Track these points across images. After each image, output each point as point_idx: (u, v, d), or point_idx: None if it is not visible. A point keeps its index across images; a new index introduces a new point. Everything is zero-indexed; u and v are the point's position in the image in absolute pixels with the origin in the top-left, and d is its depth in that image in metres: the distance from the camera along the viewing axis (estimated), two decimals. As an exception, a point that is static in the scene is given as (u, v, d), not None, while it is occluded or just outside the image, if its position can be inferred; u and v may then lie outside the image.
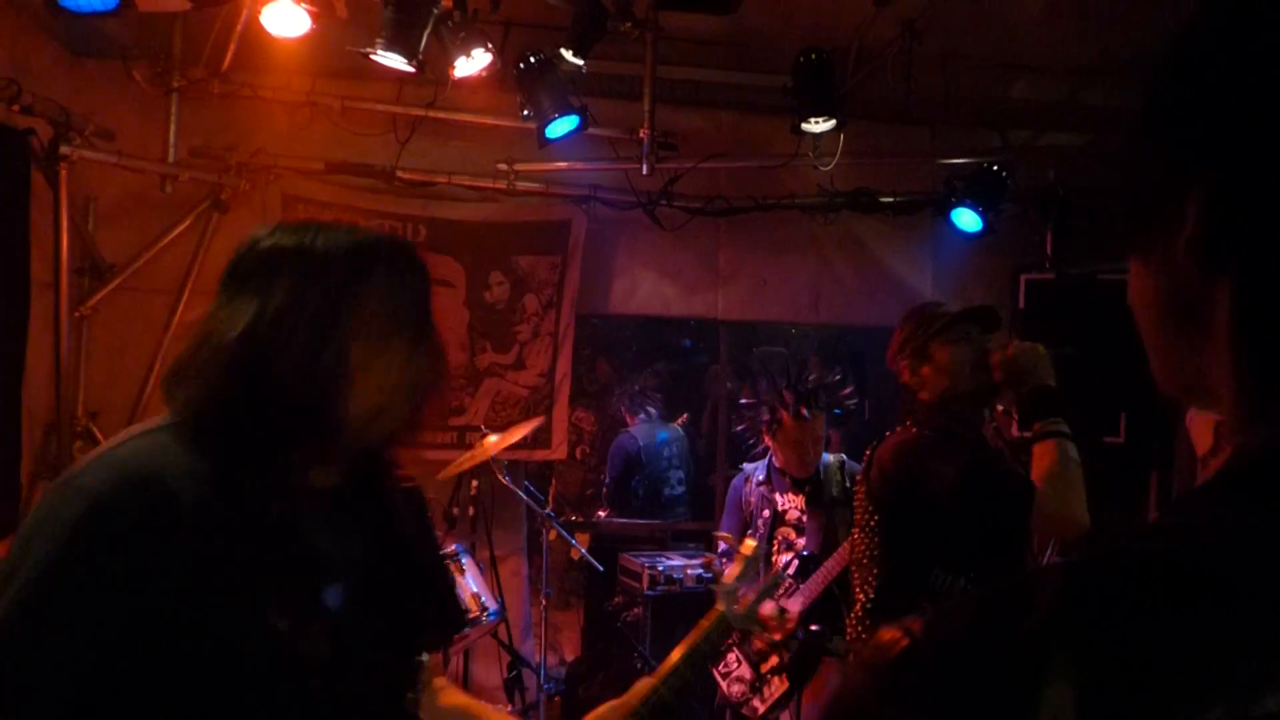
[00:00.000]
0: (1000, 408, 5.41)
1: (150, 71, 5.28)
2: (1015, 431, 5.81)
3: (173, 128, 5.39)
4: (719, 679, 4.93)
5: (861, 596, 3.32)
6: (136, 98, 5.36)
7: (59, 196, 4.89)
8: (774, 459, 5.01)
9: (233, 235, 5.61)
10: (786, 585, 4.74)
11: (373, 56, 4.39)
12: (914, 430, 3.23)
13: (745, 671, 4.85)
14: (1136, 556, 0.68)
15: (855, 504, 3.44)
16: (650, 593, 5.71)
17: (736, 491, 5.14)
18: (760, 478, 5.05)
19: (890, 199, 6.05)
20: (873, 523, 3.28)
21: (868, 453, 3.43)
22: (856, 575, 3.37)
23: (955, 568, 3.07)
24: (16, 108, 4.45)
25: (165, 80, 5.31)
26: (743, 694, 4.83)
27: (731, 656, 4.91)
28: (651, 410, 8.36)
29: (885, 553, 3.22)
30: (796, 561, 4.78)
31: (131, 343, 5.53)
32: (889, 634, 0.84)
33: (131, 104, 5.38)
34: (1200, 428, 4.88)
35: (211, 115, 5.53)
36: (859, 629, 3.30)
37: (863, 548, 3.34)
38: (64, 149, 4.83)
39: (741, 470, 5.23)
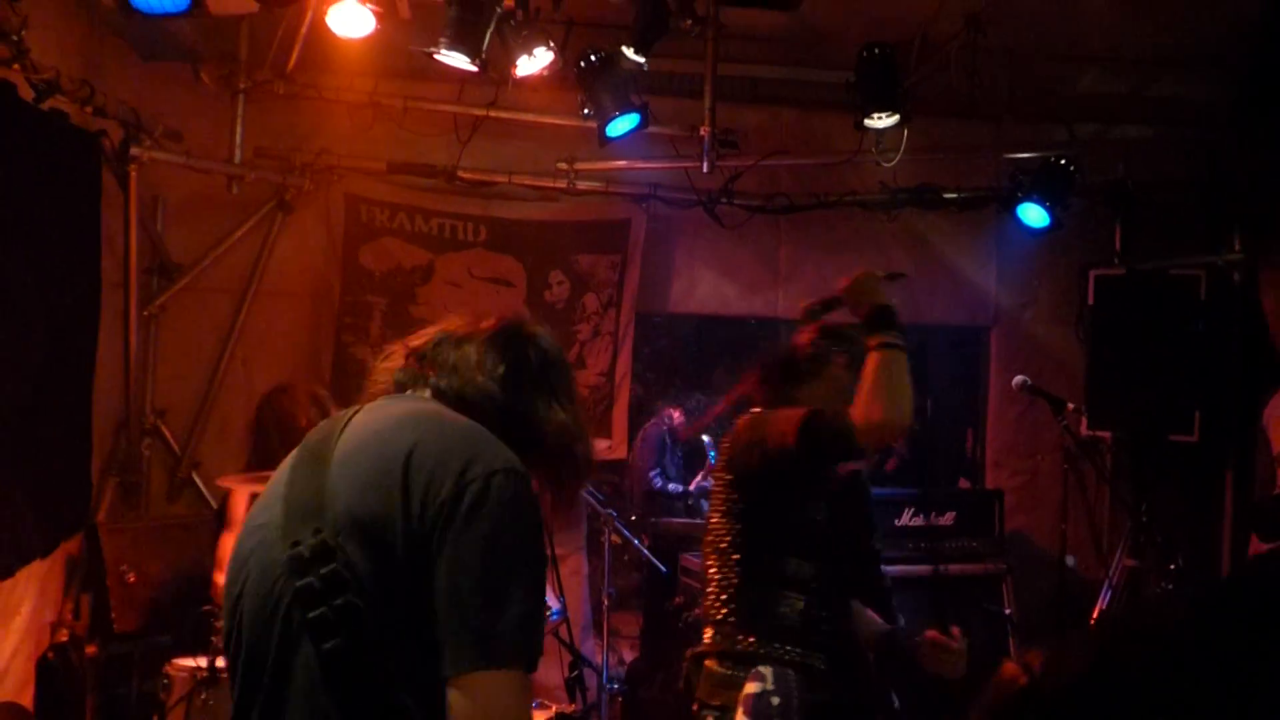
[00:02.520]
0: (1070, 406, 5.35)
1: (217, 73, 5.35)
2: (1084, 429, 5.74)
3: (238, 129, 5.45)
4: None
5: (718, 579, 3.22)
6: (203, 99, 5.44)
7: (129, 197, 4.97)
8: None
9: (296, 235, 5.74)
10: None
11: (436, 56, 4.41)
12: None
13: None
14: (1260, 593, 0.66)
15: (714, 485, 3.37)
16: (713, 592, 5.66)
17: None
18: None
19: (954, 195, 5.98)
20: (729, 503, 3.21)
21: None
22: (713, 560, 3.28)
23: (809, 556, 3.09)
24: (89, 109, 4.52)
25: (231, 82, 5.37)
26: None
27: None
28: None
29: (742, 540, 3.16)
30: None
31: (197, 342, 5.61)
32: (1009, 669, 0.81)
33: (198, 105, 5.46)
34: (1278, 427, 4.76)
35: (276, 116, 5.59)
36: (720, 611, 3.19)
37: (721, 531, 3.27)
38: (134, 150, 4.91)
39: None
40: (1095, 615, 5.44)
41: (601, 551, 5.70)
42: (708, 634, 3.16)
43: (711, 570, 3.22)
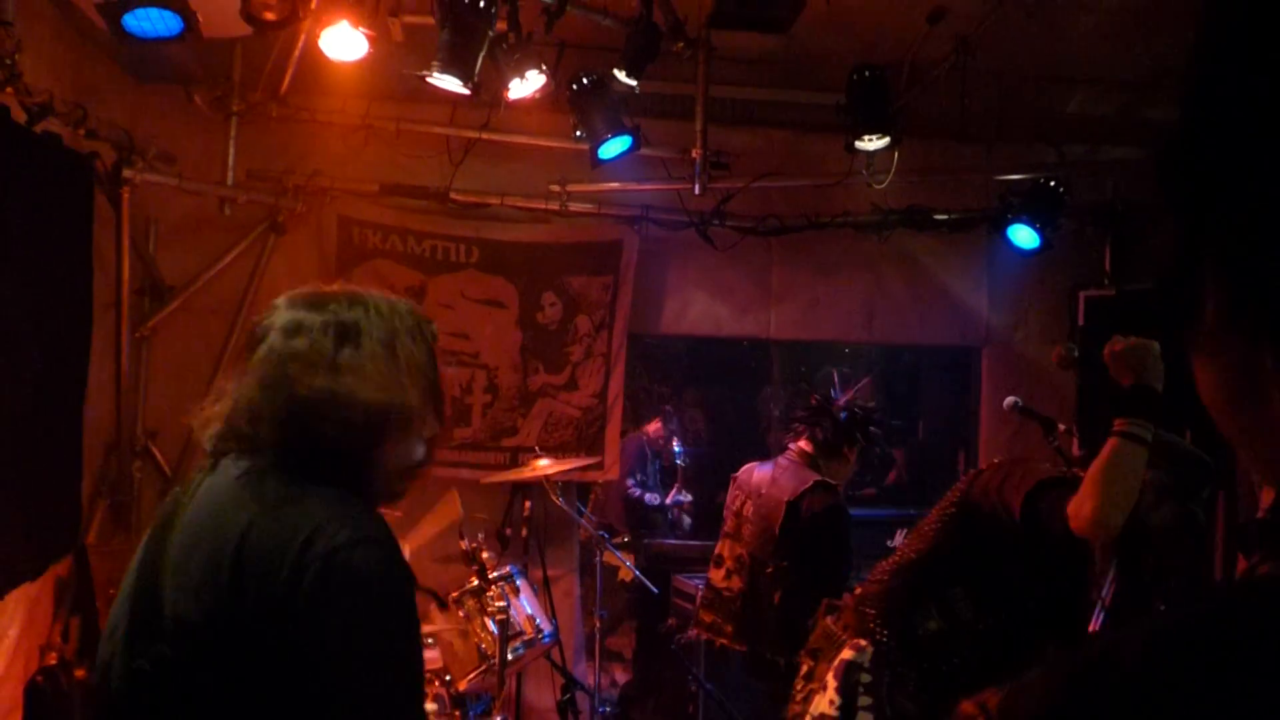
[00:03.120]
0: (1062, 427, 5.35)
1: (210, 96, 5.37)
2: (1076, 450, 5.74)
3: (231, 151, 5.47)
4: None
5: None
6: (197, 121, 5.46)
7: (121, 218, 4.98)
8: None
9: (288, 257, 5.75)
10: None
11: (429, 79, 4.42)
12: None
13: None
14: (1213, 623, 0.66)
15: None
16: (705, 615, 5.65)
17: None
18: None
19: (945, 216, 6.01)
20: None
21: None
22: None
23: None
24: (82, 131, 4.53)
25: (225, 104, 5.39)
26: None
27: None
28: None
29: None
30: None
31: (190, 363, 5.60)
32: (967, 709, 0.81)
33: (192, 127, 5.47)
34: None
35: (269, 138, 5.61)
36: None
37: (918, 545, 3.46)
38: (127, 172, 4.92)
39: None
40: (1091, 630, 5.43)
41: (593, 572, 5.69)
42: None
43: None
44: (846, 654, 3.20)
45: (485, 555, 4.61)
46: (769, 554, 4.64)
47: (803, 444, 4.79)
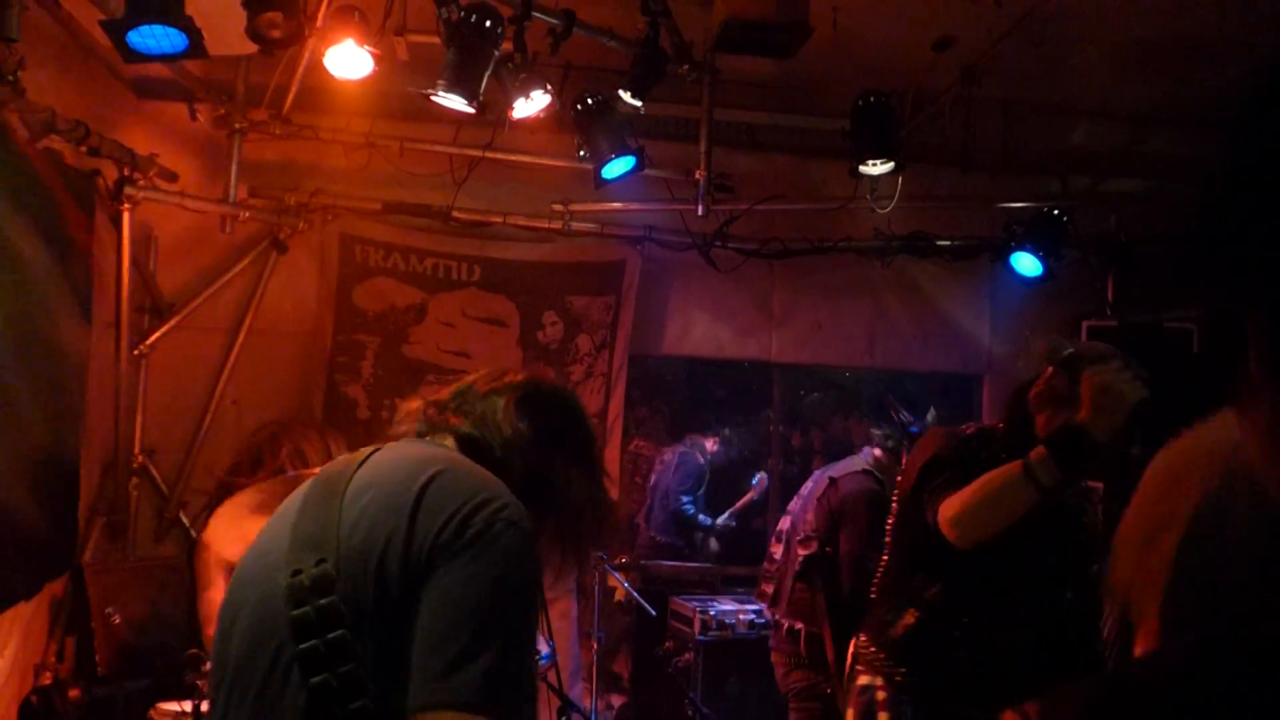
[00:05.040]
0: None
1: (213, 113, 5.35)
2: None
3: (234, 169, 5.45)
4: None
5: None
6: (199, 139, 5.45)
7: (122, 236, 4.96)
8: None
9: (290, 274, 5.73)
10: None
11: (434, 98, 4.41)
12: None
13: None
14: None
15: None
16: (702, 638, 5.64)
17: None
18: None
19: (948, 243, 6.00)
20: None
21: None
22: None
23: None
24: (84, 148, 4.51)
25: (228, 122, 5.37)
26: None
27: None
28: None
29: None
30: None
31: (188, 381, 5.58)
32: (1009, 718, 0.81)
33: (194, 145, 5.46)
34: None
35: (272, 156, 5.59)
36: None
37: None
38: (128, 189, 4.91)
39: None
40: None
41: (589, 593, 5.66)
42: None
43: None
44: (860, 681, 3.21)
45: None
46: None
47: (876, 451, 5.25)
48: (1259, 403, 0.76)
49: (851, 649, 3.32)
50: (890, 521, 3.37)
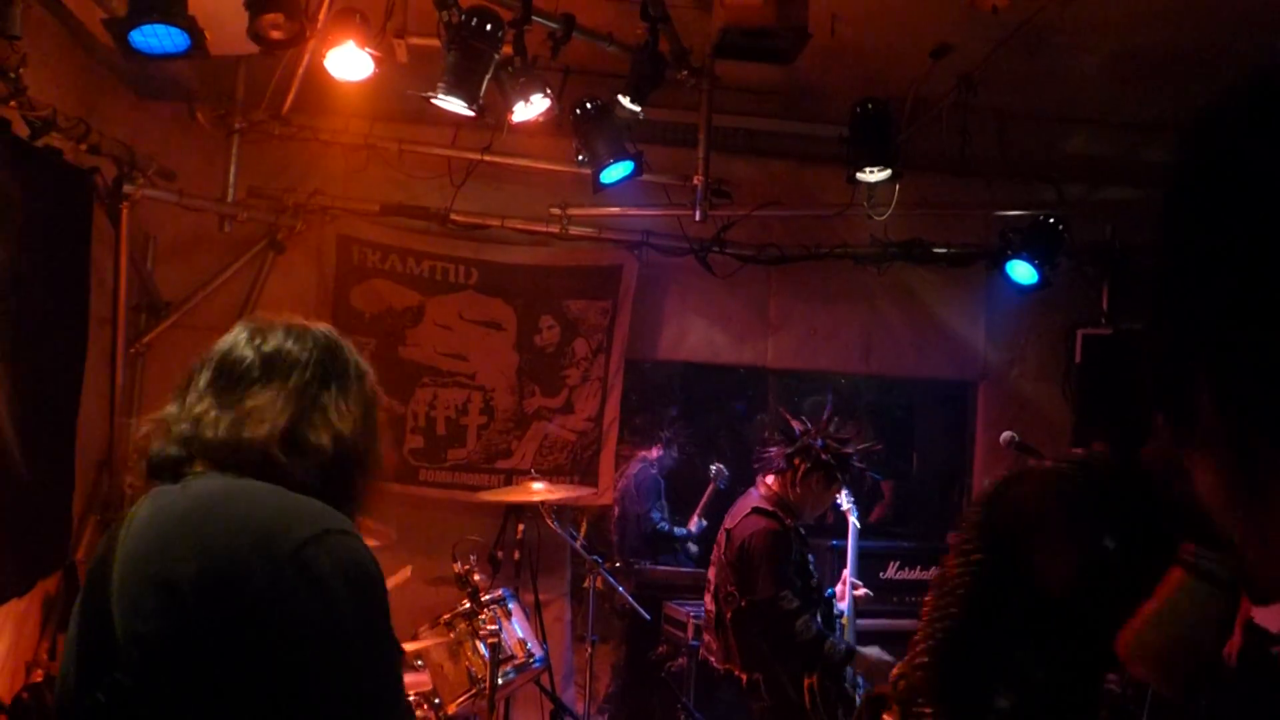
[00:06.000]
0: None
1: (213, 113, 5.37)
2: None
3: (232, 168, 5.46)
4: None
5: None
6: (198, 138, 5.46)
7: (120, 234, 4.96)
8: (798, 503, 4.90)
9: (287, 275, 5.74)
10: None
11: (434, 100, 4.43)
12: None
13: None
14: None
15: None
16: (695, 643, 5.64)
17: None
18: None
19: (944, 250, 6.02)
20: None
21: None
22: None
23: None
24: (84, 147, 4.52)
25: (227, 122, 5.38)
26: None
27: None
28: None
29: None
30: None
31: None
32: None
33: (193, 145, 5.47)
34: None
35: (271, 157, 5.61)
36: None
37: None
38: (127, 188, 4.90)
39: None
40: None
41: (584, 597, 5.67)
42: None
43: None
44: None
45: (477, 578, 4.59)
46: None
47: (768, 479, 4.91)
48: (1213, 449, 0.77)
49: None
50: (962, 568, 2.75)
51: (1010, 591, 2.62)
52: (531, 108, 4.75)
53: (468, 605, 4.50)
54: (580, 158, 5.21)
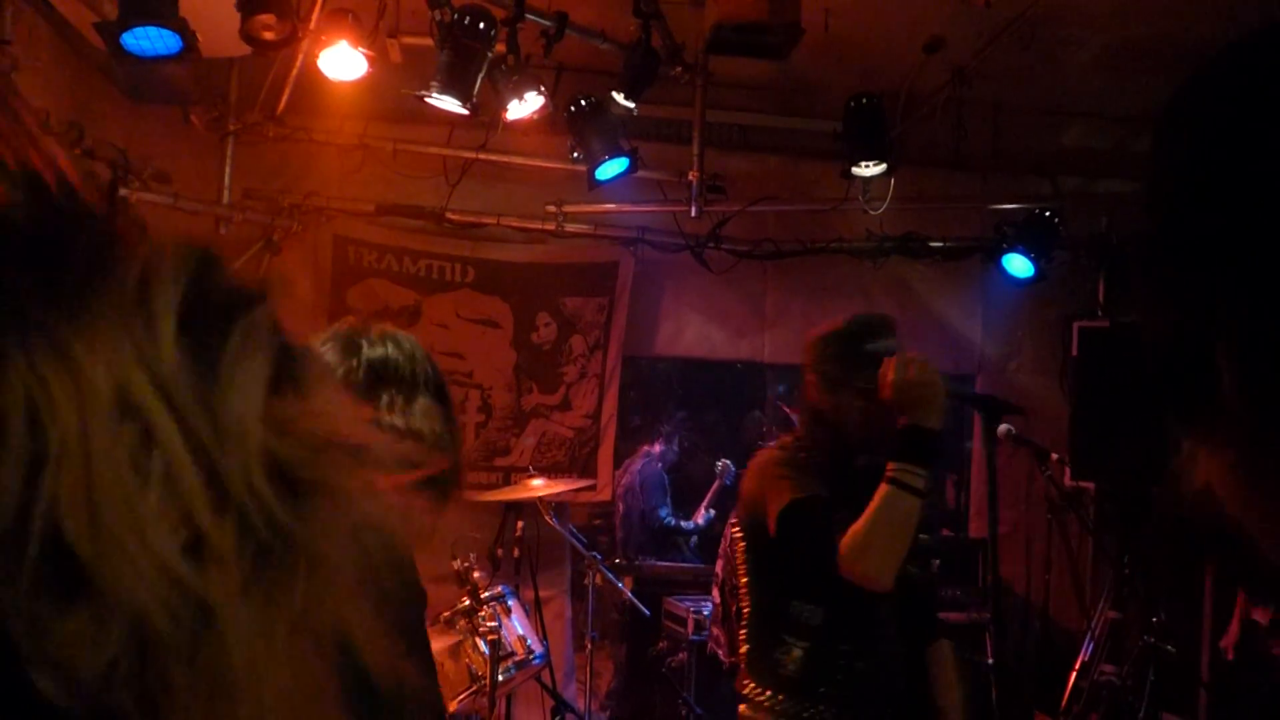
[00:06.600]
0: (1055, 456, 5.36)
1: (207, 116, 5.37)
2: (1069, 480, 5.75)
3: (227, 170, 5.46)
4: None
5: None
6: (193, 141, 5.45)
7: (115, 237, 4.95)
8: None
9: (284, 277, 5.73)
10: None
11: (428, 99, 4.44)
12: (775, 449, 2.97)
13: None
14: None
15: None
16: (695, 638, 5.65)
17: None
18: None
19: (940, 244, 6.02)
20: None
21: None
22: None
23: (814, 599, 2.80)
24: (78, 151, 4.52)
25: (221, 124, 5.38)
26: None
27: None
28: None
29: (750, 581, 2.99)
30: None
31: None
32: None
33: (188, 147, 5.47)
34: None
35: (265, 158, 5.61)
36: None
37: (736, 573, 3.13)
38: (122, 191, 4.91)
39: None
40: (1076, 667, 5.44)
41: (584, 594, 5.67)
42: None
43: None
44: None
45: (477, 575, 4.59)
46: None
47: None
48: (1233, 433, 0.68)
49: (742, 711, 2.92)
50: (741, 561, 2.98)
51: (764, 550, 2.86)
52: (525, 105, 4.76)
53: (467, 603, 4.50)
54: (575, 155, 5.22)
